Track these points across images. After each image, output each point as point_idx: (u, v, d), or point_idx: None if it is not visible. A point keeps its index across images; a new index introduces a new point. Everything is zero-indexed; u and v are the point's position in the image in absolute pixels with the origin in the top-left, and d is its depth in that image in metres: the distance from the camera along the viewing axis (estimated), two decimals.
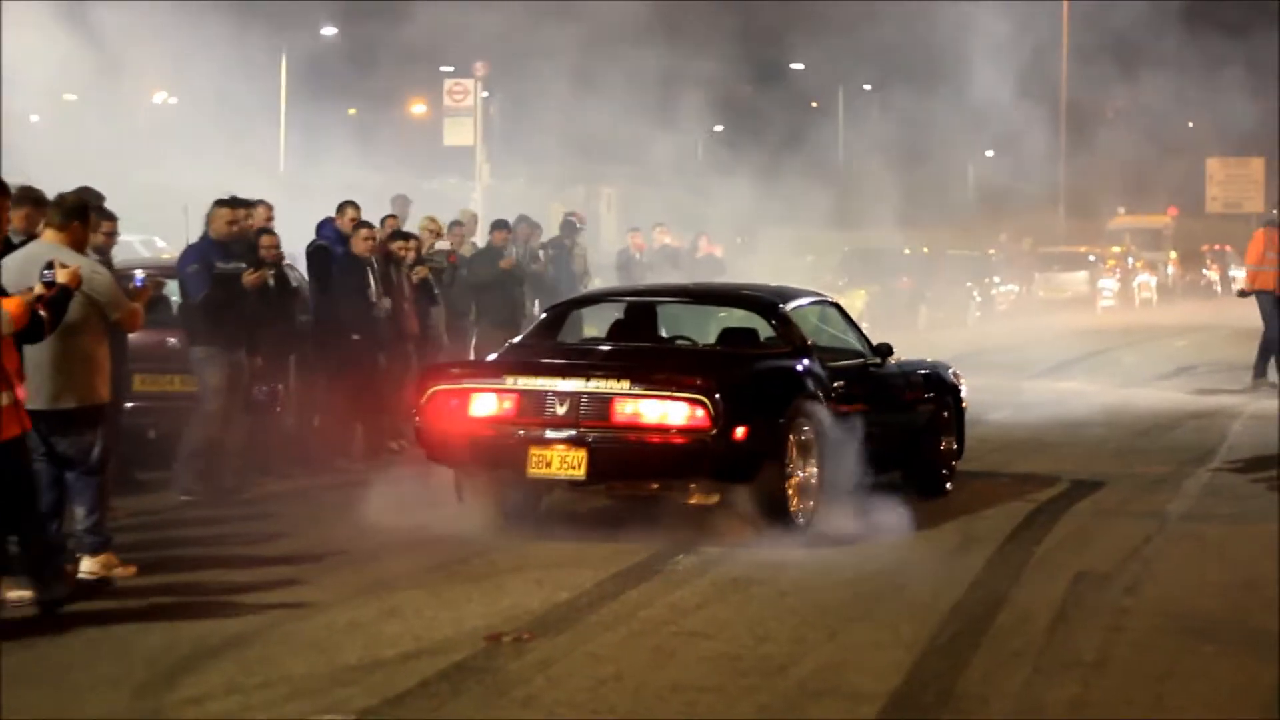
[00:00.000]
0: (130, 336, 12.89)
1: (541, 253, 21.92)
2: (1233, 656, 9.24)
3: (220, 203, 14.34)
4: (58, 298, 9.88)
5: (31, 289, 9.83)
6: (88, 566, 10.67)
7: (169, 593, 10.43)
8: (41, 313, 9.73)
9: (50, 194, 11.16)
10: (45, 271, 9.89)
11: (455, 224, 20.30)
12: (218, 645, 9.08)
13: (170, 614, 9.85)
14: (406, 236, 17.34)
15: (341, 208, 16.58)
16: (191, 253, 14.30)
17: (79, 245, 10.79)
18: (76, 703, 8.08)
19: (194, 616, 9.77)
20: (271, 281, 14.45)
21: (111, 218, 13.22)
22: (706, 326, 14.69)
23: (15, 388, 9.60)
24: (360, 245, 16.02)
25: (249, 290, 14.02)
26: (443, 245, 18.95)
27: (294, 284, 15.78)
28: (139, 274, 13.24)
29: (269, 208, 15.63)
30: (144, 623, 9.61)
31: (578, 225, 23.44)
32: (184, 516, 13.22)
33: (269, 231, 15.00)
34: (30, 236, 10.93)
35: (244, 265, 14.07)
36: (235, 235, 14.29)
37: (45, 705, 8.01)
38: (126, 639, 9.26)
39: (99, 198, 13.86)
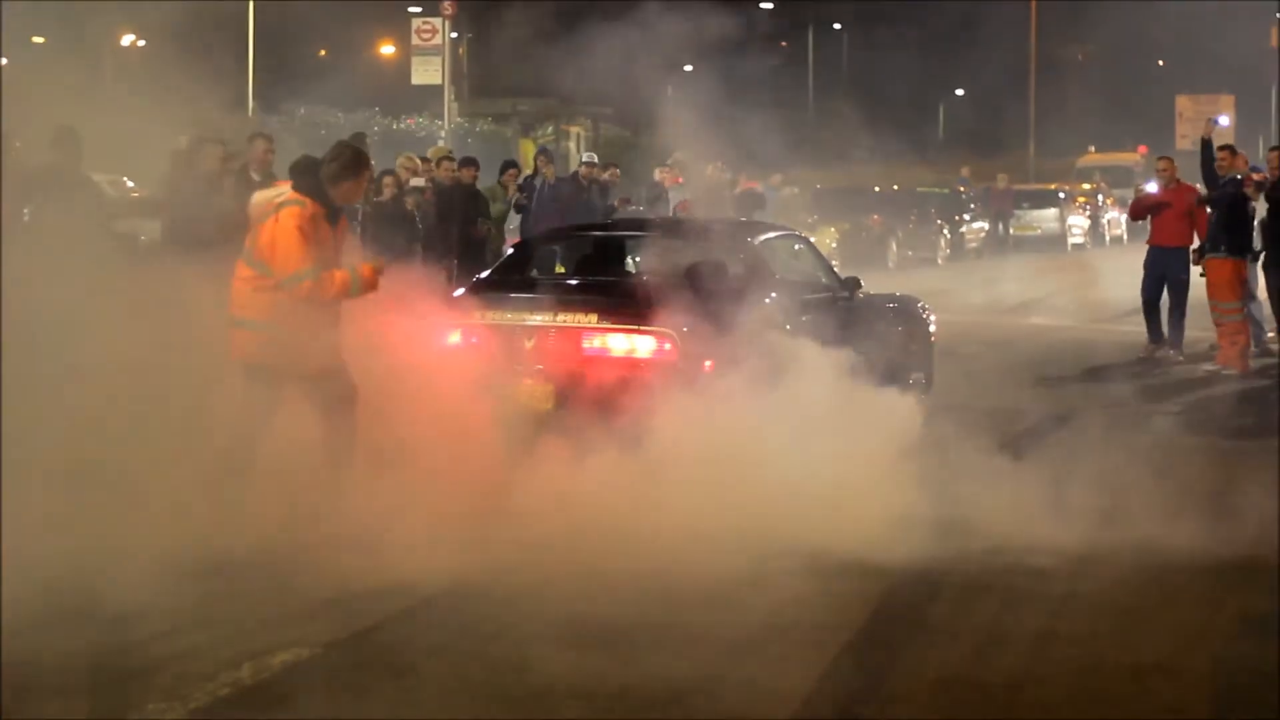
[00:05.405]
0: None
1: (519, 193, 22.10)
2: (1200, 586, 9.27)
3: None
4: None
5: None
6: None
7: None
8: None
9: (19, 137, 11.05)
10: None
11: (423, 159, 20.35)
12: (186, 578, 8.98)
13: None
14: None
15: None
16: None
17: None
18: (37, 637, 7.98)
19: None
20: None
21: None
22: (674, 260, 14.61)
23: None
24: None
25: None
26: (418, 182, 19.00)
27: None
28: None
29: (268, 140, 15.87)
30: (114, 557, 9.55)
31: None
32: None
33: None
34: None
35: None
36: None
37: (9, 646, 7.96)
38: (93, 573, 9.16)
39: (75, 137, 13.83)
